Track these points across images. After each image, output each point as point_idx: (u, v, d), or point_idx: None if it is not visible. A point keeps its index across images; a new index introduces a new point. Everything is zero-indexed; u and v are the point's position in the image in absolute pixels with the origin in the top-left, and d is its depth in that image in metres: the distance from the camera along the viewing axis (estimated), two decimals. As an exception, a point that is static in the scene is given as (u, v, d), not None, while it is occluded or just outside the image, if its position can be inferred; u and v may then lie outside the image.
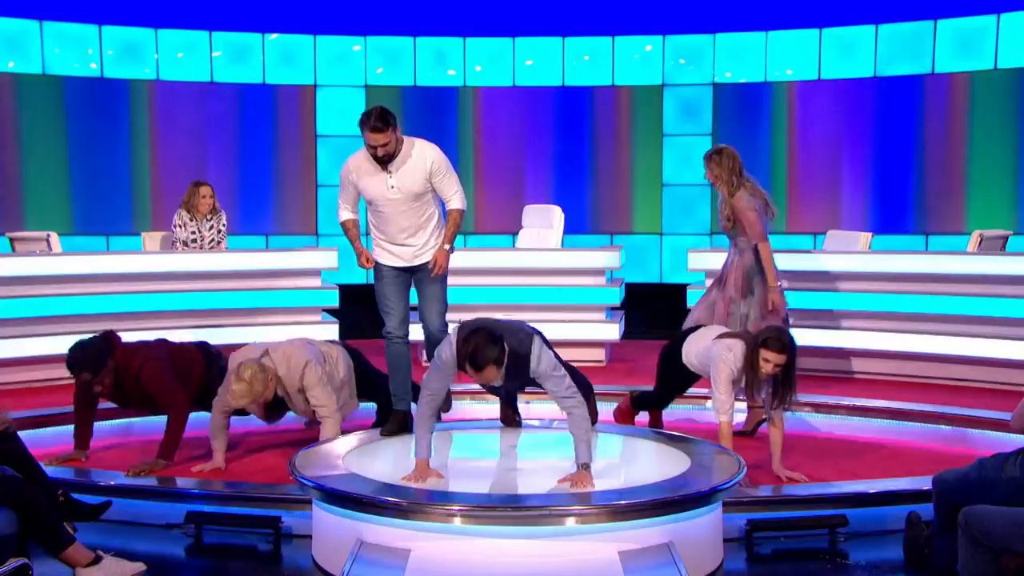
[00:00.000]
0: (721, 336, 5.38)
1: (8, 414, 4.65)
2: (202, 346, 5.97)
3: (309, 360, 5.33)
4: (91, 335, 5.50)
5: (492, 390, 5.08)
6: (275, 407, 5.50)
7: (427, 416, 4.51)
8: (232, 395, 5.17)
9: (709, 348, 5.32)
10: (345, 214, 5.38)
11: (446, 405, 5.14)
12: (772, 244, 6.35)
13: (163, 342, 5.76)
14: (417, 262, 5.30)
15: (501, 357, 4.28)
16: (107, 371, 5.32)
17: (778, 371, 4.98)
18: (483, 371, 4.27)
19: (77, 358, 5.31)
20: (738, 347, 5.14)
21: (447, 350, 4.46)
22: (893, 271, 7.75)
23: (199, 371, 5.68)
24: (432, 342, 5.35)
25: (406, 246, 5.27)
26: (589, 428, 4.39)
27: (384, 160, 5.11)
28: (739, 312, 6.32)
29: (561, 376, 4.46)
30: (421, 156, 5.18)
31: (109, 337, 5.45)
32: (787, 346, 5.01)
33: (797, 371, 5.08)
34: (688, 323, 6.44)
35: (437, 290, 5.34)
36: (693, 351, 5.54)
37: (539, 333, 4.64)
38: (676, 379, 5.80)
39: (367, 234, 5.40)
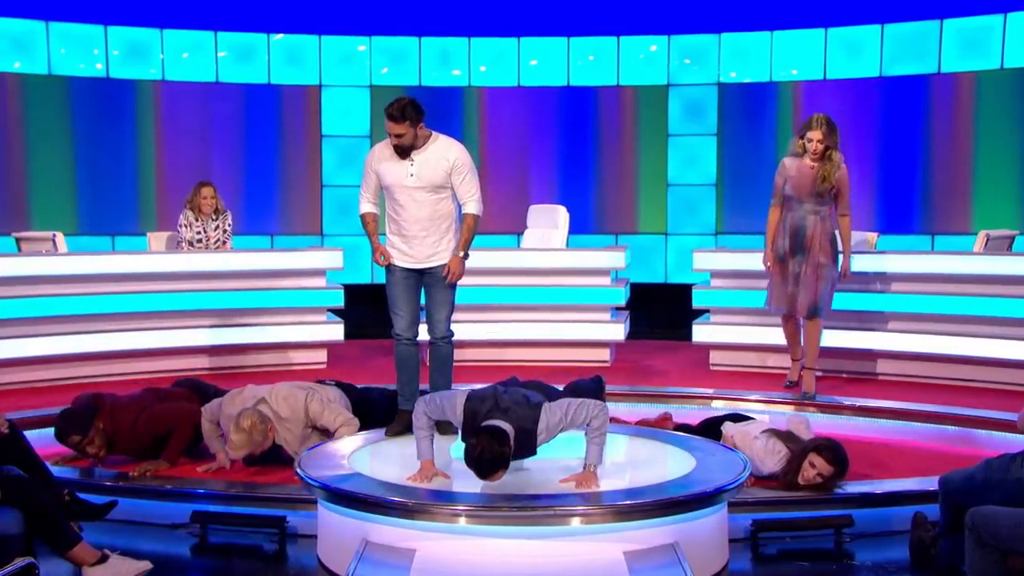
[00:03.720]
0: (766, 432, 5.17)
1: (3, 416, 4.66)
2: (189, 384, 5.99)
3: (307, 393, 5.36)
4: (76, 404, 5.48)
5: None
6: (266, 454, 5.45)
7: (425, 420, 4.50)
8: (231, 445, 5.15)
9: (752, 443, 5.10)
10: (366, 206, 5.37)
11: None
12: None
13: (151, 391, 5.77)
14: (429, 264, 5.29)
15: (507, 460, 4.20)
16: (96, 432, 5.28)
17: (819, 481, 4.83)
18: (488, 479, 4.22)
19: (63, 423, 5.29)
20: (781, 454, 4.96)
21: (450, 412, 4.45)
22: (899, 271, 7.73)
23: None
24: (435, 347, 5.35)
25: (418, 239, 5.24)
26: (605, 433, 4.37)
27: (401, 150, 5.14)
28: (829, 276, 6.70)
29: (574, 411, 4.38)
30: (445, 151, 5.20)
31: (95, 399, 5.45)
32: (840, 461, 4.85)
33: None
34: (774, 303, 6.78)
35: (447, 295, 5.34)
36: (736, 436, 5.23)
37: (545, 400, 4.49)
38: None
39: (383, 233, 5.40)
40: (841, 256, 6.81)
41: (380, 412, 5.68)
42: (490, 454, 4.16)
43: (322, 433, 5.31)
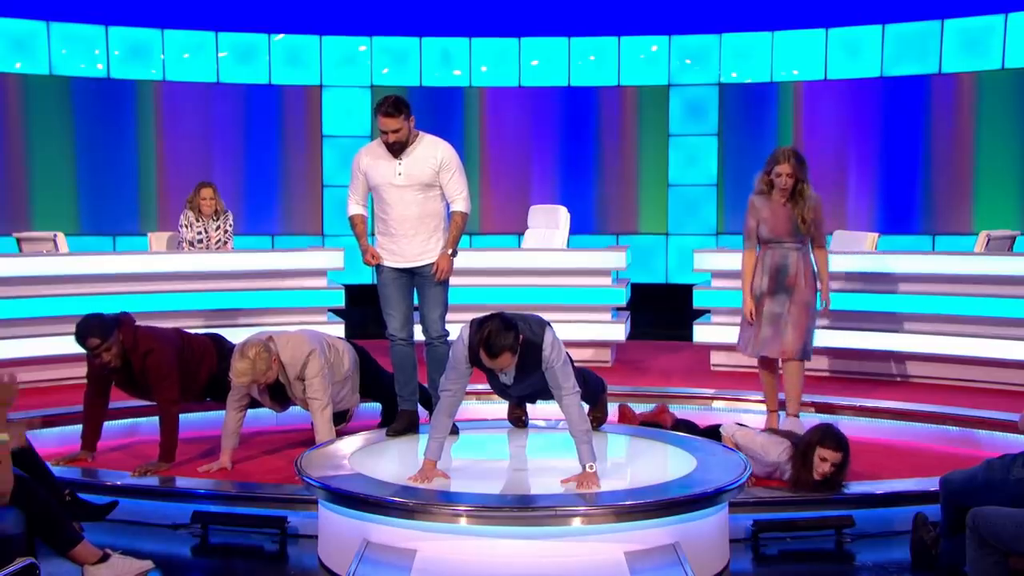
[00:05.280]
0: (766, 431, 5.28)
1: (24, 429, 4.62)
2: (216, 338, 6.01)
3: (314, 349, 5.38)
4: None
5: (503, 394, 5.06)
6: (279, 394, 5.52)
7: (444, 418, 4.50)
8: (234, 372, 5.20)
9: (754, 436, 5.15)
10: (354, 208, 5.38)
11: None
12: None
13: (177, 331, 5.80)
14: (419, 263, 5.29)
15: (515, 344, 4.30)
16: (115, 341, 5.32)
17: (833, 470, 4.83)
18: (498, 357, 4.28)
19: (85, 324, 5.34)
20: (784, 445, 5.00)
21: (460, 347, 4.47)
22: (899, 272, 7.73)
23: (210, 361, 5.74)
24: (431, 347, 5.35)
25: (407, 239, 5.24)
26: (588, 427, 4.38)
27: (395, 148, 5.14)
28: (814, 313, 6.10)
29: (569, 371, 4.46)
30: (433, 149, 5.21)
31: (122, 314, 5.50)
32: (844, 444, 4.87)
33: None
34: (756, 349, 6.07)
35: (438, 293, 5.33)
36: (737, 433, 5.25)
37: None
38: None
39: (373, 234, 5.41)
40: (820, 290, 6.12)
41: (384, 392, 5.71)
42: (498, 335, 4.24)
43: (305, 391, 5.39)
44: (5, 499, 3.99)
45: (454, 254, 5.29)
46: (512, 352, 4.30)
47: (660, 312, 10.46)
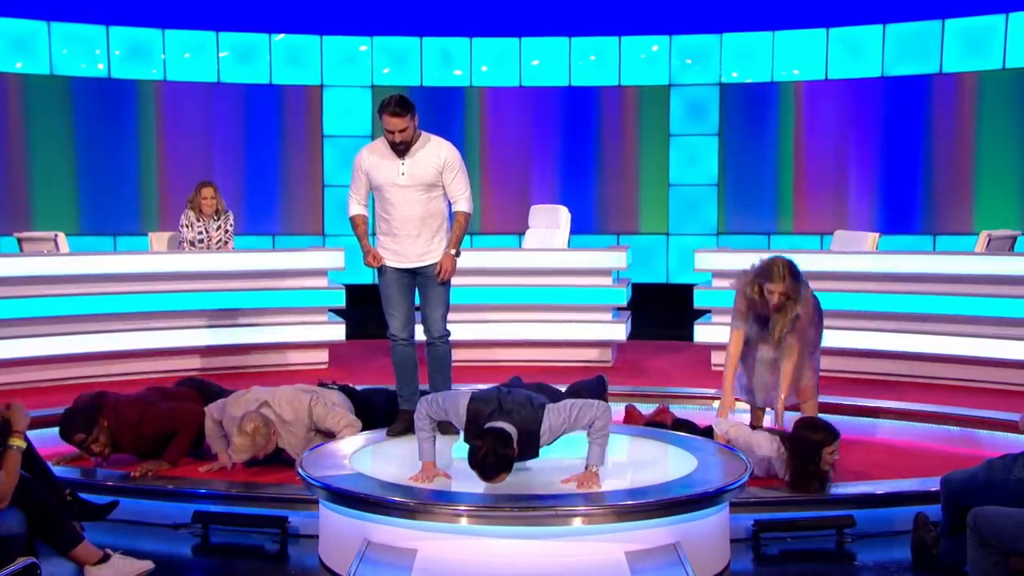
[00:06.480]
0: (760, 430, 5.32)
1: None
2: (192, 383, 5.99)
3: (312, 396, 5.37)
4: (79, 402, 5.42)
5: None
6: (268, 456, 5.47)
7: (427, 422, 4.51)
8: (234, 449, 5.16)
9: (750, 432, 5.18)
10: (355, 208, 5.37)
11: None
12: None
13: (156, 389, 5.77)
14: (422, 263, 5.29)
15: (511, 462, 4.22)
16: (100, 430, 5.28)
17: (836, 456, 4.89)
18: (492, 481, 4.22)
19: (66, 422, 5.29)
20: (776, 440, 5.03)
21: (461, 403, 4.43)
22: (900, 272, 7.73)
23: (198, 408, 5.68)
24: (432, 347, 5.34)
25: (410, 239, 5.24)
26: (608, 434, 4.38)
27: (400, 147, 5.14)
28: (819, 344, 5.76)
29: (578, 412, 4.39)
30: (436, 149, 5.21)
31: (99, 397, 5.43)
32: (833, 430, 4.88)
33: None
34: (764, 399, 5.74)
35: (440, 293, 5.33)
36: (730, 429, 5.25)
37: (548, 402, 4.50)
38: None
39: (374, 234, 5.41)
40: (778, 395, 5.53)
41: (382, 414, 5.69)
42: (494, 456, 4.17)
43: (325, 436, 5.32)
44: (5, 503, 3.99)
45: (457, 254, 5.30)
46: (508, 470, 4.22)
47: (661, 312, 10.46)
